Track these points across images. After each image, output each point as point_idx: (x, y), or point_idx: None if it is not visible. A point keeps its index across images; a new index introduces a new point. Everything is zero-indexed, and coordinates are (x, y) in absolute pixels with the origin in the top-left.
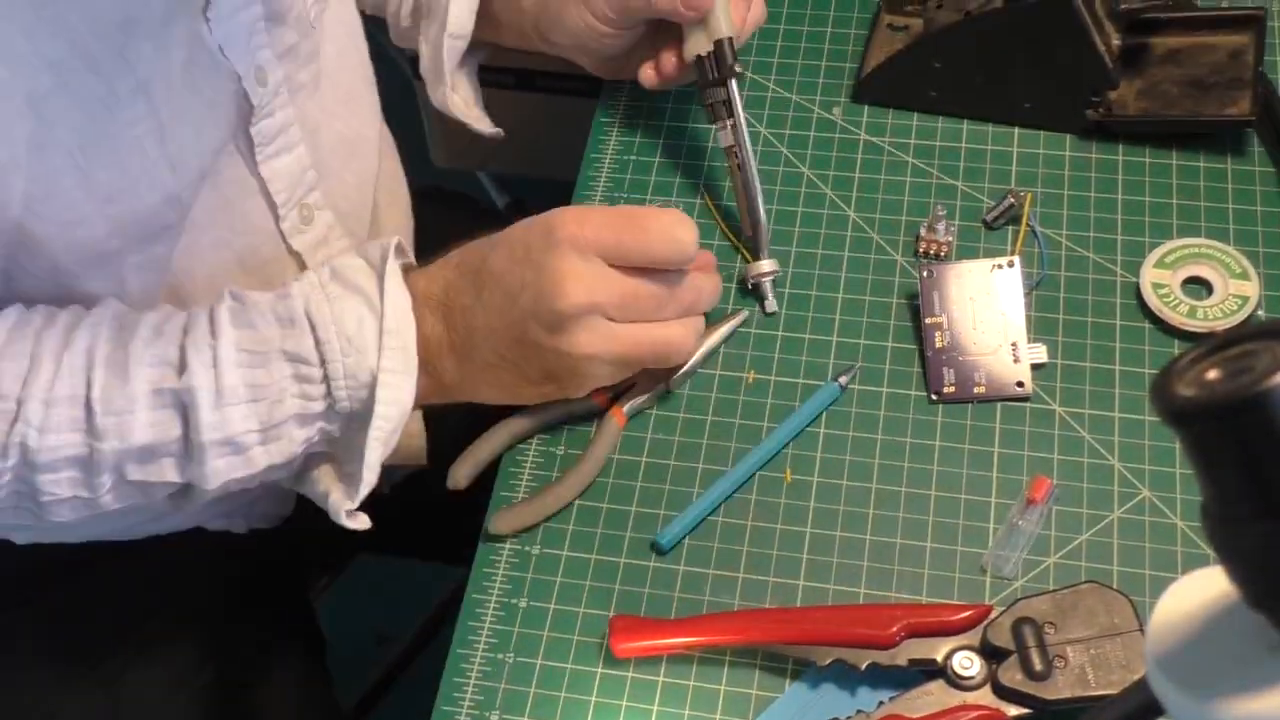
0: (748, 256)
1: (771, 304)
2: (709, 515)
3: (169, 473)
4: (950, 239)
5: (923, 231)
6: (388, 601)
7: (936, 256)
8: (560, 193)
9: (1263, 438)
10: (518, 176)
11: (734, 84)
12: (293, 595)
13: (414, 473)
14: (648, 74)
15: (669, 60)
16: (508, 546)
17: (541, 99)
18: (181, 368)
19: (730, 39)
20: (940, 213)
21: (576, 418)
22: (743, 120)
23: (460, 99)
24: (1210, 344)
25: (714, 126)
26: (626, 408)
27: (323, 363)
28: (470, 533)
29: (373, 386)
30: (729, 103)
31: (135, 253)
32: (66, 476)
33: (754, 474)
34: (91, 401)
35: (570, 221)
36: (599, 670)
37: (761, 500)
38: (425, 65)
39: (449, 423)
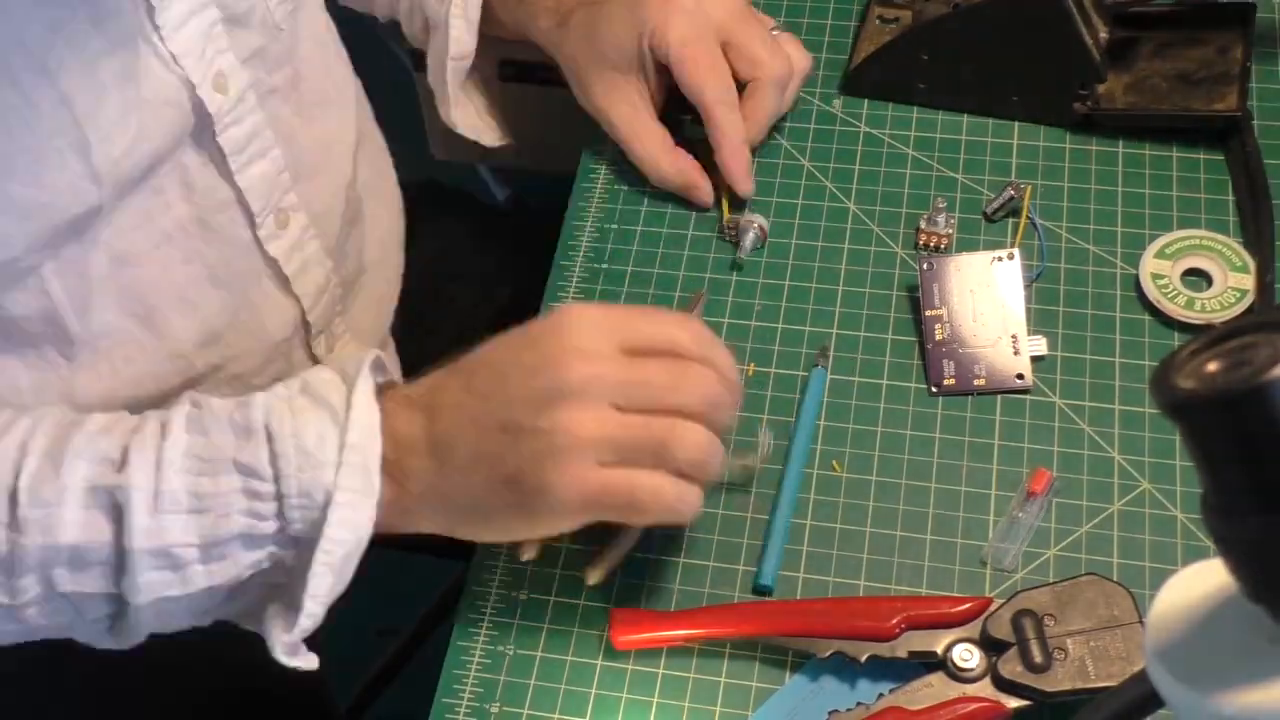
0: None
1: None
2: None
3: (100, 584)
4: (950, 231)
5: (922, 224)
6: (388, 594)
7: (936, 249)
8: (561, 186)
9: (1262, 430)
10: (518, 170)
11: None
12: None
13: None
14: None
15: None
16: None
17: (542, 91)
18: (121, 464)
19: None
20: (940, 205)
21: None
22: None
23: (463, 114)
24: (1210, 336)
25: None
26: None
27: (276, 479)
28: None
29: (326, 507)
30: None
31: (52, 261)
32: None
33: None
34: (17, 491)
35: (578, 309)
36: (599, 662)
37: (761, 494)
38: (433, 79)
39: None
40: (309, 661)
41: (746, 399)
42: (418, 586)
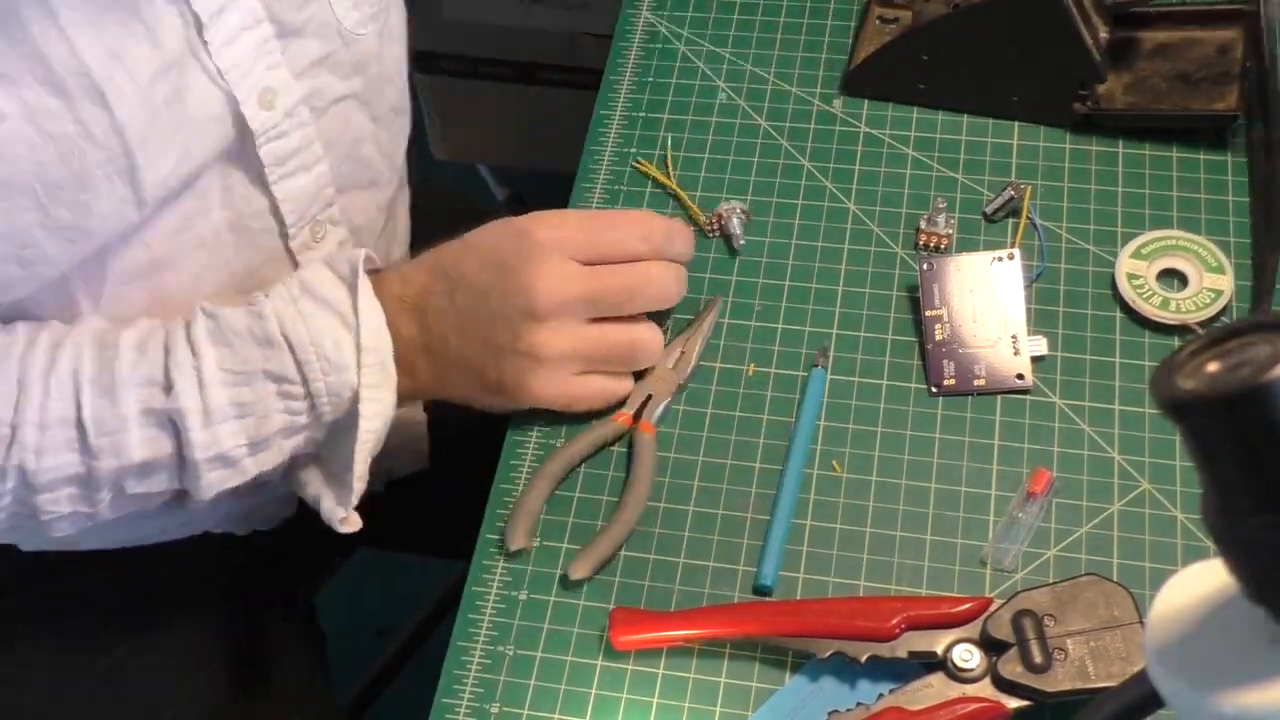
0: None
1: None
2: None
3: (166, 483)
4: (950, 232)
5: (922, 224)
6: (388, 595)
7: (936, 249)
8: (560, 186)
9: (1262, 430)
10: (517, 169)
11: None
12: (294, 592)
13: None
14: None
15: None
16: None
17: (541, 92)
18: (168, 387)
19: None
20: (940, 205)
21: (605, 443)
22: None
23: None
24: (1210, 336)
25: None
26: (654, 418)
27: (304, 382)
28: (470, 527)
29: (354, 400)
30: None
31: (98, 284)
32: (65, 494)
33: (799, 478)
34: (83, 421)
35: (540, 225)
36: (599, 663)
37: (761, 494)
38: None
39: (450, 426)
40: (354, 524)
41: (747, 399)
42: (418, 586)
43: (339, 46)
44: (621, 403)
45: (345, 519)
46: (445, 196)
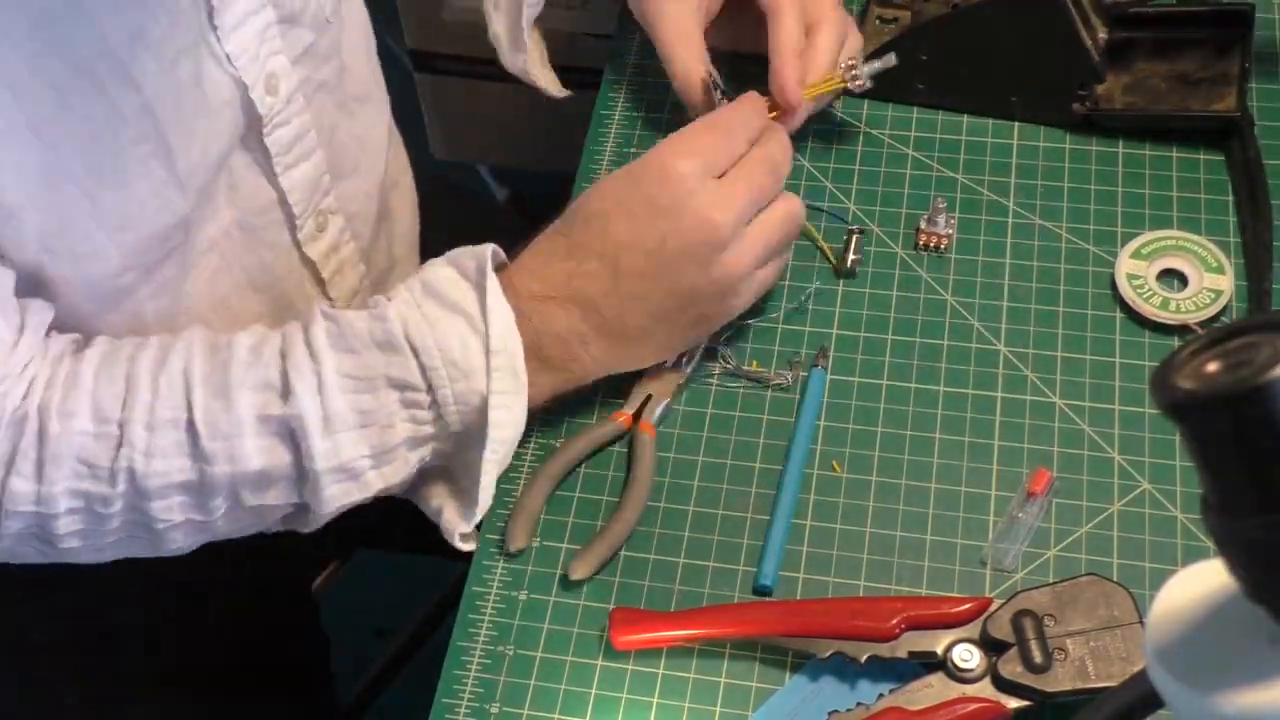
0: None
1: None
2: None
3: (284, 496)
4: (950, 232)
5: (923, 224)
6: (388, 595)
7: (936, 249)
8: (559, 186)
9: (1262, 430)
10: (517, 169)
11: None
12: (296, 594)
13: None
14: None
15: None
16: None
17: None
18: (285, 393)
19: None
20: (940, 205)
21: (605, 443)
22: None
23: (531, 60)
24: (1210, 336)
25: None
26: (654, 418)
27: (430, 389)
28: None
29: (483, 409)
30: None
31: (147, 283)
32: (178, 501)
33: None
34: (195, 424)
35: (675, 158)
36: (599, 663)
37: (761, 494)
38: (496, 32)
39: None
40: (475, 542)
41: (747, 399)
42: (418, 586)
43: (319, 34)
44: (622, 401)
45: (466, 535)
46: (452, 193)
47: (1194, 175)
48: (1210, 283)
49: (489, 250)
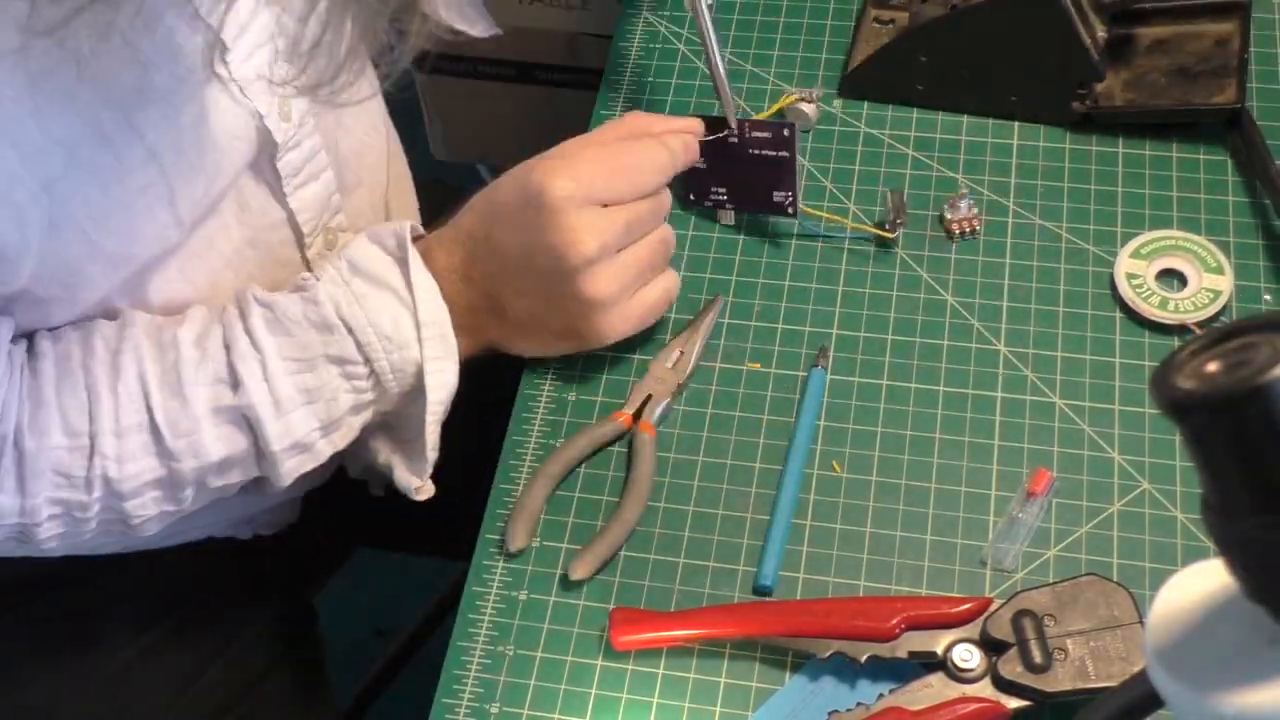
0: None
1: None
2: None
3: (245, 474)
4: (975, 213)
5: (947, 213)
6: (388, 594)
7: (972, 233)
8: None
9: (1262, 430)
10: None
11: None
12: (295, 598)
13: None
14: None
15: None
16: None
17: (541, 91)
18: (235, 384)
19: None
20: (963, 192)
21: (605, 443)
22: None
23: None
24: (1210, 336)
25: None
26: (654, 418)
27: (367, 361)
28: (470, 527)
29: (419, 374)
30: None
31: (128, 296)
32: (151, 497)
33: (798, 476)
34: (158, 425)
35: (559, 181)
36: (599, 663)
37: (761, 494)
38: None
39: (451, 425)
40: (429, 491)
41: (747, 399)
42: (418, 586)
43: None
44: (622, 401)
45: (420, 487)
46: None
47: (1194, 175)
48: (1210, 283)
49: (408, 225)
